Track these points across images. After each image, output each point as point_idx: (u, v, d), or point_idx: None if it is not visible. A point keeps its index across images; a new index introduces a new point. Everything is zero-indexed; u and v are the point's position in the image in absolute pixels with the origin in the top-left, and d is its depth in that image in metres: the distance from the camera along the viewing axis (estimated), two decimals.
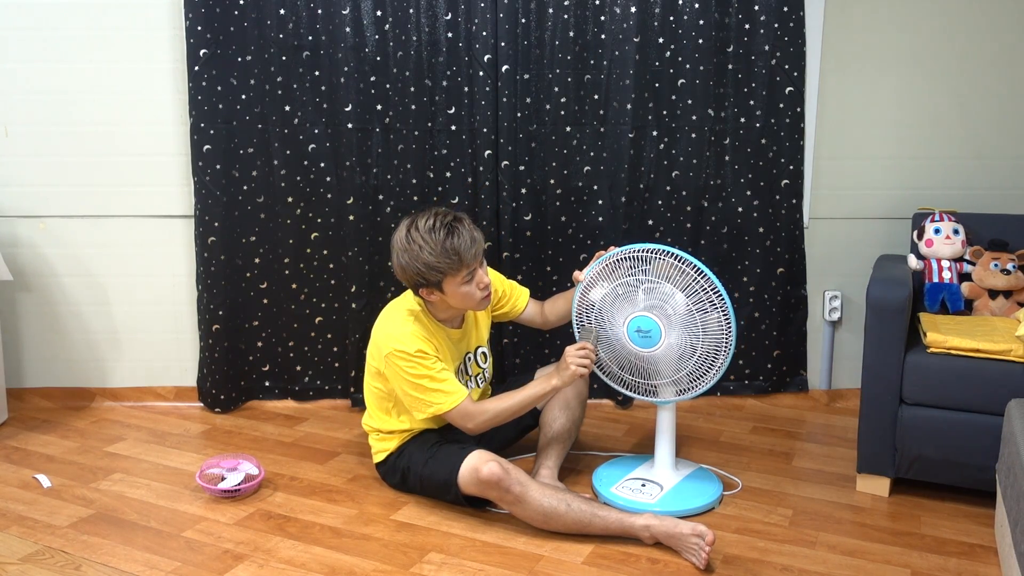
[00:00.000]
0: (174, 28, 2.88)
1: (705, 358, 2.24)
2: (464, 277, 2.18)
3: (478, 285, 2.22)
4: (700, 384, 2.28)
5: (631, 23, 2.83)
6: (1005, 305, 2.60)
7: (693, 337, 2.23)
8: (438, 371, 2.21)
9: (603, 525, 2.11)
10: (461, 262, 2.15)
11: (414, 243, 2.15)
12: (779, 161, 2.97)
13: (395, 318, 2.27)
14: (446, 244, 2.13)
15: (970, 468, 2.25)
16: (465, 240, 2.15)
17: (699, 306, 2.20)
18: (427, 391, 2.20)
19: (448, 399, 2.21)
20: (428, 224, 2.15)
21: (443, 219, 2.16)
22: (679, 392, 2.33)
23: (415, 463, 2.31)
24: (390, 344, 2.21)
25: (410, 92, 2.88)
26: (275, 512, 2.30)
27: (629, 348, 2.30)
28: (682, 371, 2.28)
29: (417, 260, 2.15)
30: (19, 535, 2.16)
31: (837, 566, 2.04)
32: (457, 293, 2.20)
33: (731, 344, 2.20)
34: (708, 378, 2.26)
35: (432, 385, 2.20)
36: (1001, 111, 2.94)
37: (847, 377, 3.16)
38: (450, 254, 2.13)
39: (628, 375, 2.38)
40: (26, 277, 3.06)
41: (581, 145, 2.94)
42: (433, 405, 2.21)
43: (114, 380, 3.14)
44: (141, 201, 3.01)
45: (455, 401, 2.20)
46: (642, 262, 2.26)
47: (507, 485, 2.11)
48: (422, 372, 2.19)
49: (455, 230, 2.15)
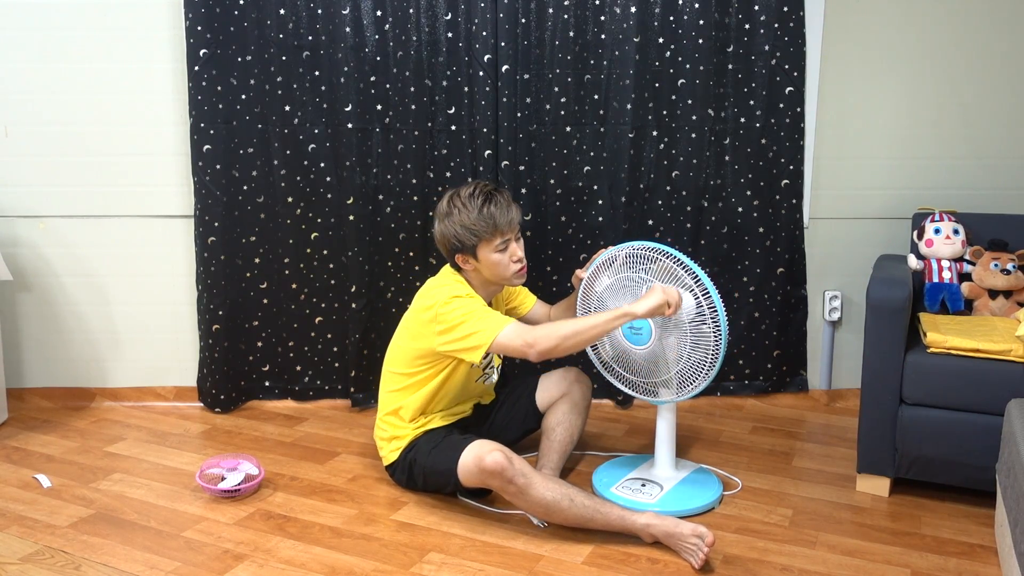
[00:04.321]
0: (174, 28, 2.88)
1: (693, 365, 2.24)
2: (498, 245, 2.26)
3: (511, 257, 2.28)
4: (690, 387, 2.28)
5: (631, 23, 2.83)
6: (1005, 305, 2.60)
7: (682, 344, 2.23)
8: (491, 310, 2.26)
9: (604, 522, 2.12)
10: (496, 227, 2.24)
11: (454, 208, 2.27)
12: (779, 161, 2.97)
13: (441, 282, 2.34)
14: (483, 209, 2.24)
15: (970, 468, 2.25)
16: (502, 207, 2.26)
17: (693, 318, 2.20)
18: (482, 319, 2.19)
19: (502, 322, 2.18)
20: (469, 192, 2.29)
21: (483, 188, 2.29)
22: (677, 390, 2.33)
23: (421, 454, 2.32)
24: (444, 293, 2.25)
25: (410, 92, 2.88)
26: (275, 512, 2.30)
27: (621, 342, 2.32)
28: (669, 373, 2.28)
29: (455, 224, 2.26)
30: (19, 535, 2.16)
31: (837, 566, 2.04)
32: (490, 260, 2.27)
33: (719, 357, 2.20)
34: (697, 383, 2.26)
35: (487, 314, 2.21)
36: (1001, 111, 2.94)
37: (847, 377, 3.16)
38: (486, 218, 2.23)
39: (629, 374, 2.38)
40: (26, 277, 3.06)
41: (581, 145, 2.94)
42: (490, 330, 2.16)
43: (114, 380, 3.14)
44: (141, 201, 3.01)
45: (508, 321, 2.19)
46: (647, 261, 2.26)
47: (510, 475, 2.11)
48: (477, 307, 2.22)
49: (493, 197, 2.27)
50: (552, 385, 2.52)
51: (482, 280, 2.34)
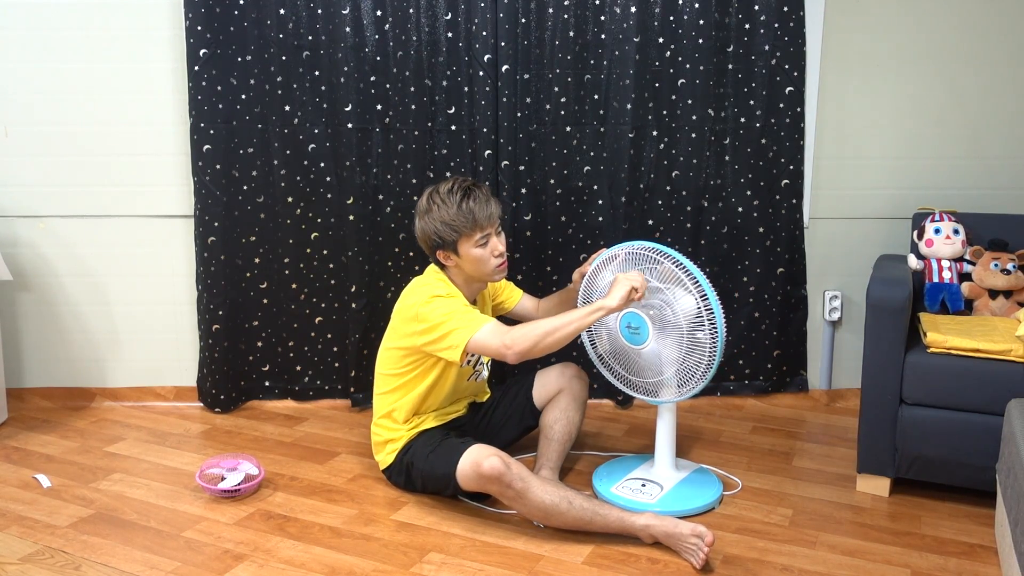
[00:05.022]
0: (174, 28, 2.88)
1: (692, 366, 2.24)
2: (478, 240, 2.26)
3: (492, 252, 2.29)
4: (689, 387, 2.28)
5: (631, 23, 2.83)
6: (1005, 305, 2.60)
7: (679, 346, 2.23)
8: (471, 308, 2.27)
9: (603, 523, 2.12)
10: (475, 222, 2.24)
11: (433, 204, 2.28)
12: (779, 161, 2.97)
13: (424, 282, 2.35)
14: (462, 205, 2.24)
15: (970, 468, 2.25)
16: (480, 202, 2.26)
17: (692, 320, 2.20)
18: (460, 318, 2.19)
19: (479, 321, 2.18)
20: (447, 187, 2.29)
21: (461, 183, 2.30)
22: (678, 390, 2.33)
23: (418, 458, 2.32)
24: (425, 293, 2.25)
25: (410, 92, 2.88)
26: (275, 512, 2.30)
27: (620, 341, 2.33)
28: (666, 374, 2.28)
29: (435, 220, 2.26)
30: (19, 535, 2.16)
31: (837, 566, 2.04)
32: (471, 256, 2.27)
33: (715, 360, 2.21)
34: (696, 383, 2.26)
35: (465, 313, 2.21)
36: (1002, 111, 2.94)
37: (847, 377, 3.16)
38: (465, 214, 2.24)
39: (629, 374, 2.38)
40: (26, 277, 3.06)
41: (581, 145, 2.94)
42: (467, 330, 2.16)
43: (114, 380, 3.14)
44: (141, 201, 3.01)
45: (486, 321, 2.18)
46: (651, 262, 2.26)
47: (508, 480, 2.11)
48: (456, 307, 2.22)
49: (472, 192, 2.27)
50: (549, 381, 2.51)
51: (464, 277, 2.34)
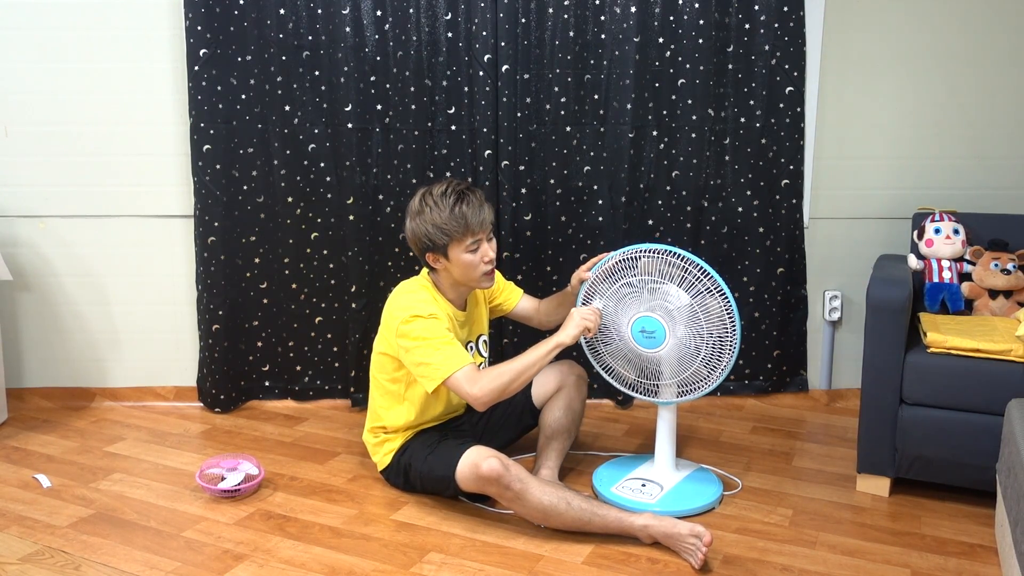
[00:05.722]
0: (174, 28, 2.88)
1: (710, 356, 2.24)
2: (469, 245, 2.24)
3: (482, 258, 2.27)
4: (704, 385, 2.28)
5: (631, 23, 2.83)
6: (1005, 305, 2.60)
7: (697, 330, 2.23)
8: (450, 337, 2.23)
9: (602, 524, 2.12)
10: (467, 227, 2.22)
11: (426, 206, 2.25)
12: (779, 161, 2.97)
13: (408, 290, 2.33)
14: (455, 209, 2.22)
15: (970, 468, 2.25)
16: (474, 207, 2.24)
17: (697, 296, 2.20)
18: (438, 351, 2.18)
19: (456, 362, 2.18)
20: (440, 190, 2.26)
21: (455, 187, 2.27)
22: (680, 393, 2.33)
23: (416, 459, 2.32)
24: (406, 310, 2.23)
25: (410, 92, 2.88)
26: (275, 512, 2.30)
27: (636, 350, 2.31)
28: (688, 371, 2.28)
29: (427, 222, 2.24)
30: (19, 535, 2.16)
31: (837, 566, 2.04)
32: (461, 260, 2.25)
33: (737, 332, 2.19)
34: (714, 377, 2.26)
35: (443, 345, 2.19)
36: (1001, 111, 2.94)
37: (847, 377, 3.16)
38: (457, 218, 2.22)
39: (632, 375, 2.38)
40: (26, 277, 3.06)
41: (581, 145, 2.94)
42: (443, 368, 2.17)
43: (114, 380, 3.14)
44: (141, 201, 3.01)
45: (462, 362, 2.17)
46: (632, 261, 2.26)
47: (507, 482, 2.10)
48: (435, 334, 2.20)
49: (465, 196, 2.25)
50: (548, 380, 2.50)
51: (452, 281, 2.33)
